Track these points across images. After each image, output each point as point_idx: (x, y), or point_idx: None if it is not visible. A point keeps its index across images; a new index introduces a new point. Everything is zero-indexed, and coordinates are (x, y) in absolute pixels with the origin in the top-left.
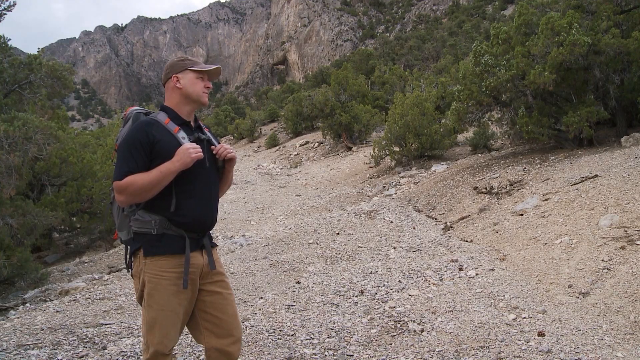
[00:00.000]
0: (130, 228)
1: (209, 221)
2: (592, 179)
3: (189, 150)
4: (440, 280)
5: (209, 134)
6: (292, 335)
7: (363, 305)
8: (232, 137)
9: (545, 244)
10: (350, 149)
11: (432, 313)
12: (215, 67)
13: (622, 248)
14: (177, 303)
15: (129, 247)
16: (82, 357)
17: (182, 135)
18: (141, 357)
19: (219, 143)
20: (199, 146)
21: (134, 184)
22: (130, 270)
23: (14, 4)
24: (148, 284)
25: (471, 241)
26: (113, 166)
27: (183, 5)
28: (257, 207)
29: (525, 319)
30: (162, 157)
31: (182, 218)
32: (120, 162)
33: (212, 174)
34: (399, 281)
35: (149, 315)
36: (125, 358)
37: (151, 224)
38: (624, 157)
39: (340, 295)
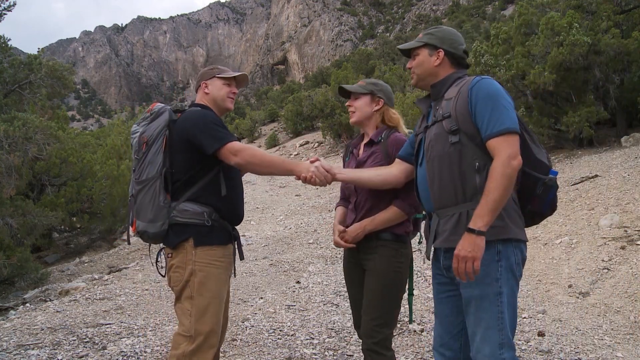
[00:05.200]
0: (168, 219)
1: (242, 214)
2: (592, 179)
3: (315, 168)
4: None
5: None
6: (292, 335)
7: None
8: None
9: (546, 243)
10: None
11: (432, 313)
12: (240, 73)
13: (622, 248)
14: (224, 291)
15: (165, 238)
16: (82, 357)
17: None
18: (141, 357)
19: None
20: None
21: (249, 149)
22: (156, 263)
23: (14, 4)
24: (199, 272)
25: None
26: (113, 166)
27: (184, 4)
28: (257, 207)
29: (525, 319)
30: None
31: (229, 208)
32: (223, 131)
33: None
34: None
35: (201, 303)
36: (125, 358)
37: (204, 215)
38: (624, 157)
39: (340, 295)
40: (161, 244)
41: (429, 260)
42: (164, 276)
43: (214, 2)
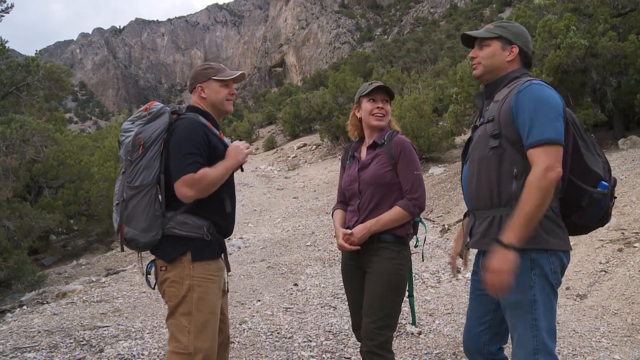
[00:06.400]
0: (162, 230)
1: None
2: None
3: (239, 148)
4: (438, 282)
5: None
6: (289, 337)
7: None
8: (230, 140)
9: None
10: None
11: (430, 315)
12: (238, 74)
13: (619, 250)
14: (219, 305)
15: (156, 249)
16: (79, 359)
17: (225, 140)
18: (138, 359)
19: None
20: (246, 143)
21: (206, 177)
22: (147, 275)
23: (12, 6)
24: (197, 288)
25: None
26: (110, 168)
27: (181, 6)
28: (255, 210)
29: None
30: (217, 161)
31: (228, 223)
32: (189, 156)
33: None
34: None
35: (199, 320)
36: None
37: (203, 228)
38: (621, 160)
39: (337, 298)
40: (152, 255)
41: (462, 258)
42: (153, 288)
43: (212, 4)
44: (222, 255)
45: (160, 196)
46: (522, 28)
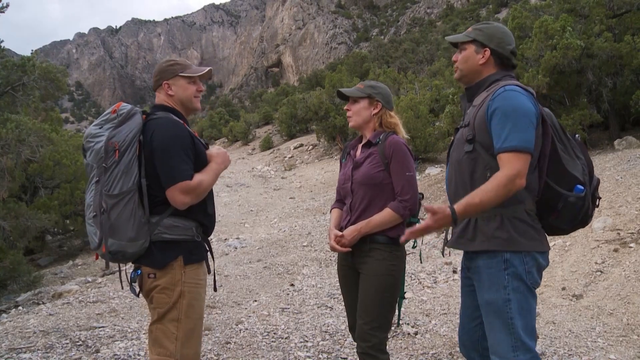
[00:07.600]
0: (150, 236)
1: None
2: None
3: (227, 154)
4: (435, 282)
5: None
6: (286, 338)
7: None
8: (226, 140)
9: None
10: None
11: (426, 316)
12: (206, 70)
13: (615, 251)
14: (204, 310)
15: (144, 257)
16: None
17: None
18: None
19: None
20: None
21: (202, 184)
22: (133, 285)
23: (7, 6)
24: (188, 294)
25: None
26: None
27: (178, 6)
28: (252, 210)
29: None
30: (200, 163)
31: (210, 222)
32: (179, 162)
33: None
34: None
35: (187, 326)
36: None
37: (192, 230)
38: (617, 160)
39: (334, 298)
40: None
41: (443, 257)
42: (138, 296)
43: (209, 4)
44: (207, 256)
45: (143, 202)
46: (500, 29)
